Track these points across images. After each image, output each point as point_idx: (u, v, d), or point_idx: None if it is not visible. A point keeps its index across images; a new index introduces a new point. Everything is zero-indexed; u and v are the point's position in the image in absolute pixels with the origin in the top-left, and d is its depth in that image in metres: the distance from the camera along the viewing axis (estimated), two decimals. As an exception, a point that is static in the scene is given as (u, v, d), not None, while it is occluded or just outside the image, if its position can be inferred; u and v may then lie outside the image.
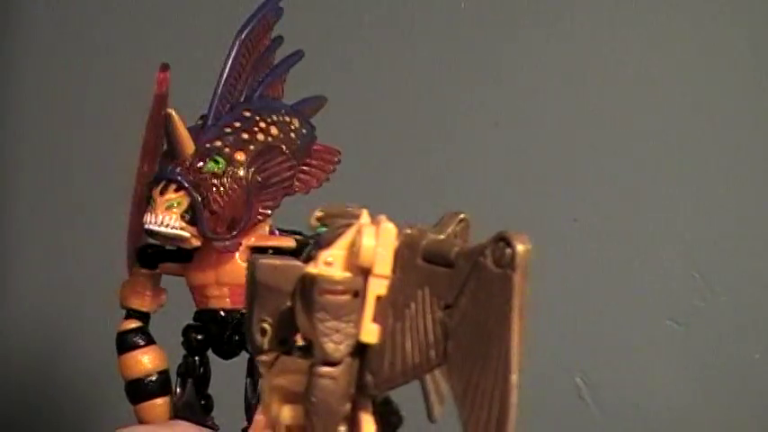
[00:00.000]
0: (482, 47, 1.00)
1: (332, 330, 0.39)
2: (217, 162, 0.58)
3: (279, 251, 0.61)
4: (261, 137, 0.61)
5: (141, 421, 0.62)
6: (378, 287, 0.40)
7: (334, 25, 1.02)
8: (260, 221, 0.61)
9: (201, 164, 0.58)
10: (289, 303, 0.42)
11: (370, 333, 0.40)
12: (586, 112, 0.97)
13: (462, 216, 0.43)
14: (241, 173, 0.59)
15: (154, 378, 0.62)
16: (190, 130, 0.60)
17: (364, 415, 0.41)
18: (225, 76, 0.62)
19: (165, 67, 0.62)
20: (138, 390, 0.62)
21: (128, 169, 0.65)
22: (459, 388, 0.37)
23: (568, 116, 0.98)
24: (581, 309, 0.97)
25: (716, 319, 0.94)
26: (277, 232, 0.63)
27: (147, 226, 0.57)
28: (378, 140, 0.99)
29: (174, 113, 0.58)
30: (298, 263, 0.42)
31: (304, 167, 0.64)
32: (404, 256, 0.40)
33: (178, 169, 0.58)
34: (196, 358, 0.62)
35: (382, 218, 0.41)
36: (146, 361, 0.62)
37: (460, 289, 0.37)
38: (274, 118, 0.63)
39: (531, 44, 0.99)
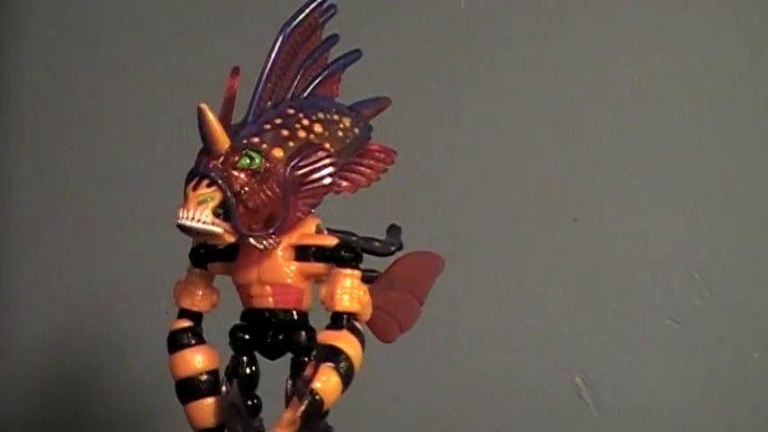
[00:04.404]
0: (482, 47, 1.00)
1: None
2: (252, 158, 0.57)
3: (321, 250, 0.60)
4: (302, 134, 0.60)
5: (190, 420, 0.61)
6: None
7: (331, 26, 1.01)
8: (301, 219, 0.60)
9: (235, 159, 0.57)
10: None
11: None
12: (586, 112, 0.98)
13: None
14: (278, 169, 0.58)
15: (203, 378, 0.61)
16: (231, 126, 0.59)
17: None
18: (266, 73, 0.61)
19: (235, 71, 0.60)
20: (188, 389, 0.61)
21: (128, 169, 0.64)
22: None
23: (568, 116, 0.98)
24: (581, 309, 0.97)
25: (716, 319, 0.95)
26: (326, 232, 0.62)
27: (178, 221, 0.56)
28: (377, 141, 0.98)
29: (205, 107, 0.56)
30: None
31: (354, 166, 0.63)
32: None
33: (211, 164, 0.57)
34: (244, 358, 0.61)
35: None
36: (195, 360, 0.61)
37: None
38: (320, 116, 0.62)
39: (532, 44, 0.99)
